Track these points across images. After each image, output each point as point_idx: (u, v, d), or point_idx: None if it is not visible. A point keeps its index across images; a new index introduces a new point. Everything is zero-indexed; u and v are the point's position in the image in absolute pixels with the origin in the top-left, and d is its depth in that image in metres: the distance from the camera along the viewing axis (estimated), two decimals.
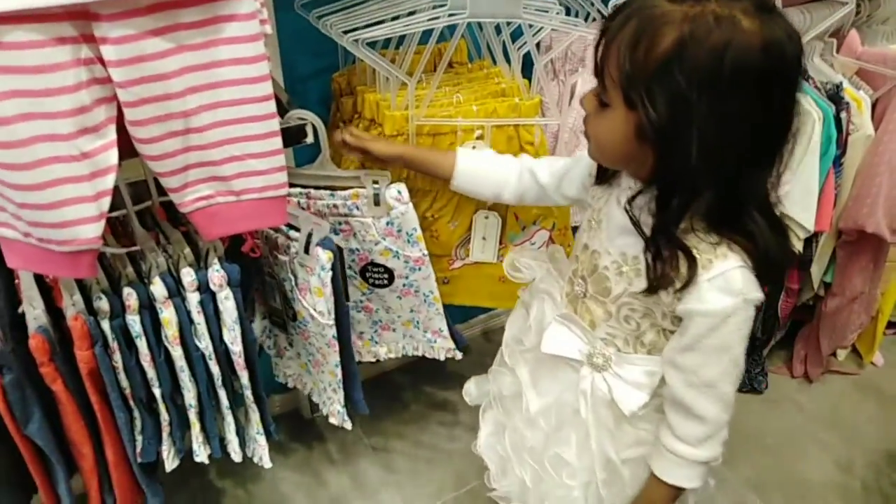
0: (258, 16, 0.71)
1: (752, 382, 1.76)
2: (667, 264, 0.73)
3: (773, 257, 0.73)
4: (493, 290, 1.25)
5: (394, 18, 1.04)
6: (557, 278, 0.95)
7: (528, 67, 1.13)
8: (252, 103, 0.74)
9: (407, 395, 1.76)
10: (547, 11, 1.04)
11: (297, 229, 0.95)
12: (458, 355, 1.22)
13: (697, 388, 0.78)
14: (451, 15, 0.98)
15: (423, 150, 1.06)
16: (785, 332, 1.81)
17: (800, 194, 1.31)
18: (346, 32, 1.01)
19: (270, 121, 0.76)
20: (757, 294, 0.73)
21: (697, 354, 0.76)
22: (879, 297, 1.69)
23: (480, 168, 1.01)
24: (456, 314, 1.26)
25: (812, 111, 1.27)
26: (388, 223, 1.04)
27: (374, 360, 1.27)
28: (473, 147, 1.10)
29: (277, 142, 0.78)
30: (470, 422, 1.67)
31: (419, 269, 1.10)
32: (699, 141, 0.64)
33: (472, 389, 1.12)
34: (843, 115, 1.34)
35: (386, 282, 1.12)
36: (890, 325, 1.85)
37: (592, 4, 1.24)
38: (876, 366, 1.84)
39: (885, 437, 1.66)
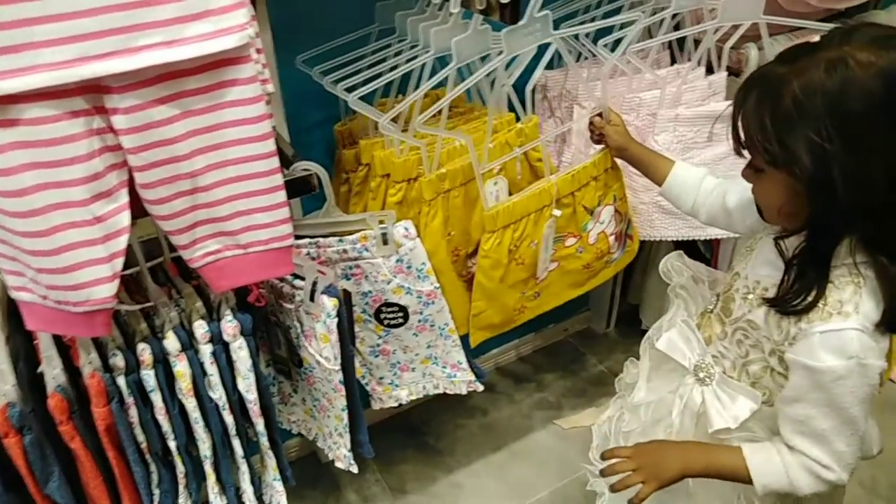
0: (259, 78, 0.75)
1: None
2: (802, 290, 0.75)
3: None
4: (576, 279, 1.29)
5: (392, 68, 1.09)
6: (705, 290, 0.99)
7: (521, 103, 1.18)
8: (256, 160, 0.77)
9: (422, 433, 1.76)
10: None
11: (302, 278, 0.97)
12: (480, 387, 1.23)
13: (809, 438, 0.77)
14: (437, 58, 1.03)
15: (644, 149, 1.14)
16: None
17: None
18: (348, 90, 1.05)
19: (274, 176, 0.79)
20: (876, 361, 0.73)
21: (805, 406, 0.76)
22: None
23: (692, 182, 1.04)
24: (475, 350, 1.28)
25: None
26: (397, 261, 1.07)
27: (396, 404, 1.28)
28: (496, 183, 1.15)
29: (282, 195, 0.81)
30: (490, 457, 1.68)
31: (432, 302, 1.11)
32: (845, 182, 0.67)
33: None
34: None
35: (401, 320, 1.14)
36: None
37: (584, 46, 1.28)
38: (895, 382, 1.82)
39: None
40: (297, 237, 1.06)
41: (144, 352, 0.86)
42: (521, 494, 1.58)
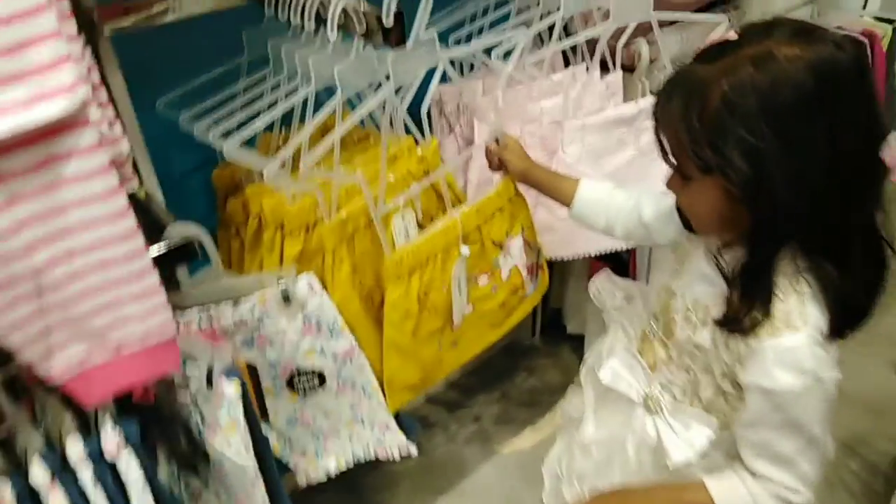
0: (105, 142, 0.61)
1: None
2: (743, 303, 0.70)
3: (861, 302, 0.70)
4: (494, 320, 1.19)
5: (271, 104, 0.96)
6: (641, 312, 0.91)
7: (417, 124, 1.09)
8: (112, 244, 0.63)
9: (361, 486, 1.63)
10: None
11: (195, 359, 0.83)
12: (414, 449, 1.12)
13: (772, 462, 0.73)
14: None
15: (548, 172, 1.08)
16: None
17: None
18: (224, 135, 0.92)
19: (139, 259, 0.65)
20: (831, 373, 0.69)
21: (765, 429, 0.72)
22: None
23: (601, 198, 0.99)
24: None
25: None
26: (304, 320, 0.94)
27: (325, 476, 1.15)
28: (403, 217, 1.05)
29: (153, 279, 0.67)
30: (431, 500, 1.58)
31: (350, 361, 1.00)
32: (783, 181, 0.63)
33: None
34: None
35: (317, 383, 1.02)
36: None
37: (475, 57, 1.21)
38: None
39: (840, 427, 1.68)
40: (184, 307, 0.92)
41: (3, 491, 0.70)
42: None
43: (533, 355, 1.97)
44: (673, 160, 0.71)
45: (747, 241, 0.70)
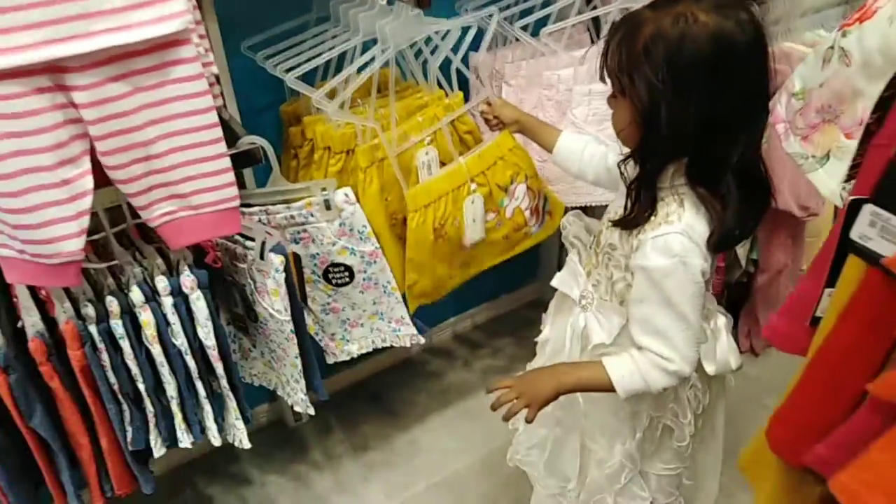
0: (200, 59, 0.88)
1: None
2: (637, 207, 0.88)
3: (729, 226, 0.85)
4: (498, 249, 1.42)
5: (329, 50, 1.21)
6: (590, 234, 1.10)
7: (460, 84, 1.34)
8: (201, 130, 0.89)
9: (382, 398, 1.90)
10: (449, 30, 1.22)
11: (253, 239, 1.10)
12: (422, 340, 1.36)
13: (651, 335, 0.90)
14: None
15: (536, 122, 1.25)
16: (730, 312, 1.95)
17: None
18: (288, 70, 1.18)
19: (218, 144, 0.91)
20: (695, 260, 0.85)
21: (646, 305, 0.90)
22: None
23: (575, 148, 1.16)
24: (427, 318, 1.43)
25: None
26: (340, 224, 1.19)
27: (347, 357, 1.41)
28: (427, 153, 1.28)
29: (226, 162, 0.93)
30: (445, 416, 1.82)
31: (374, 262, 1.24)
32: (668, 118, 0.80)
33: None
34: None
35: (347, 279, 1.26)
36: None
37: (512, 31, 1.42)
38: None
39: None
40: (249, 205, 1.19)
41: (112, 304, 0.98)
42: (474, 447, 1.72)
43: None
44: (607, 79, 0.88)
45: (640, 157, 0.89)
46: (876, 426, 0.52)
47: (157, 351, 1.02)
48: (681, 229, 0.85)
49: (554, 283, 1.08)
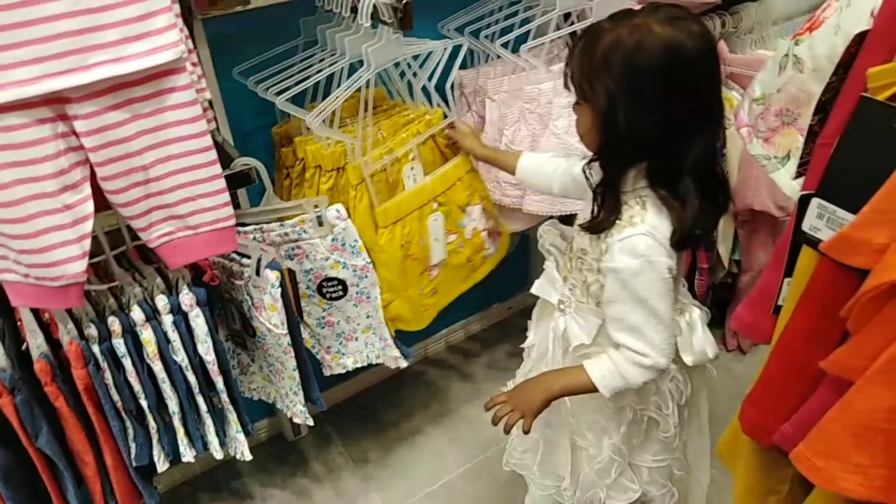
0: (194, 85, 0.92)
1: None
2: (602, 212, 0.93)
3: (688, 225, 0.89)
4: (462, 274, 1.46)
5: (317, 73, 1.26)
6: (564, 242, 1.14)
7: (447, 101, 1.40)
8: (197, 153, 0.93)
9: (380, 409, 1.93)
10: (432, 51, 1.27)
11: (249, 256, 1.14)
12: (403, 363, 1.39)
13: (626, 332, 0.94)
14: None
15: (490, 149, 1.36)
16: (717, 312, 2.00)
17: None
18: (279, 93, 1.22)
19: (214, 166, 0.95)
20: (661, 258, 0.89)
21: (619, 304, 0.94)
22: None
23: (536, 166, 1.23)
24: (421, 329, 1.47)
25: None
26: (333, 240, 1.23)
27: (343, 370, 1.44)
28: (412, 168, 1.34)
29: (222, 182, 0.97)
30: (444, 422, 1.85)
31: (366, 276, 1.28)
32: (626, 121, 0.85)
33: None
34: None
35: (341, 293, 1.30)
36: None
37: (493, 49, 1.47)
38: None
39: None
40: (244, 224, 1.23)
41: (114, 323, 1.02)
42: (470, 454, 1.75)
43: None
44: (570, 86, 0.93)
45: (602, 161, 0.93)
46: (831, 402, 0.56)
47: (158, 367, 1.05)
48: (645, 230, 0.89)
49: (534, 290, 1.12)
